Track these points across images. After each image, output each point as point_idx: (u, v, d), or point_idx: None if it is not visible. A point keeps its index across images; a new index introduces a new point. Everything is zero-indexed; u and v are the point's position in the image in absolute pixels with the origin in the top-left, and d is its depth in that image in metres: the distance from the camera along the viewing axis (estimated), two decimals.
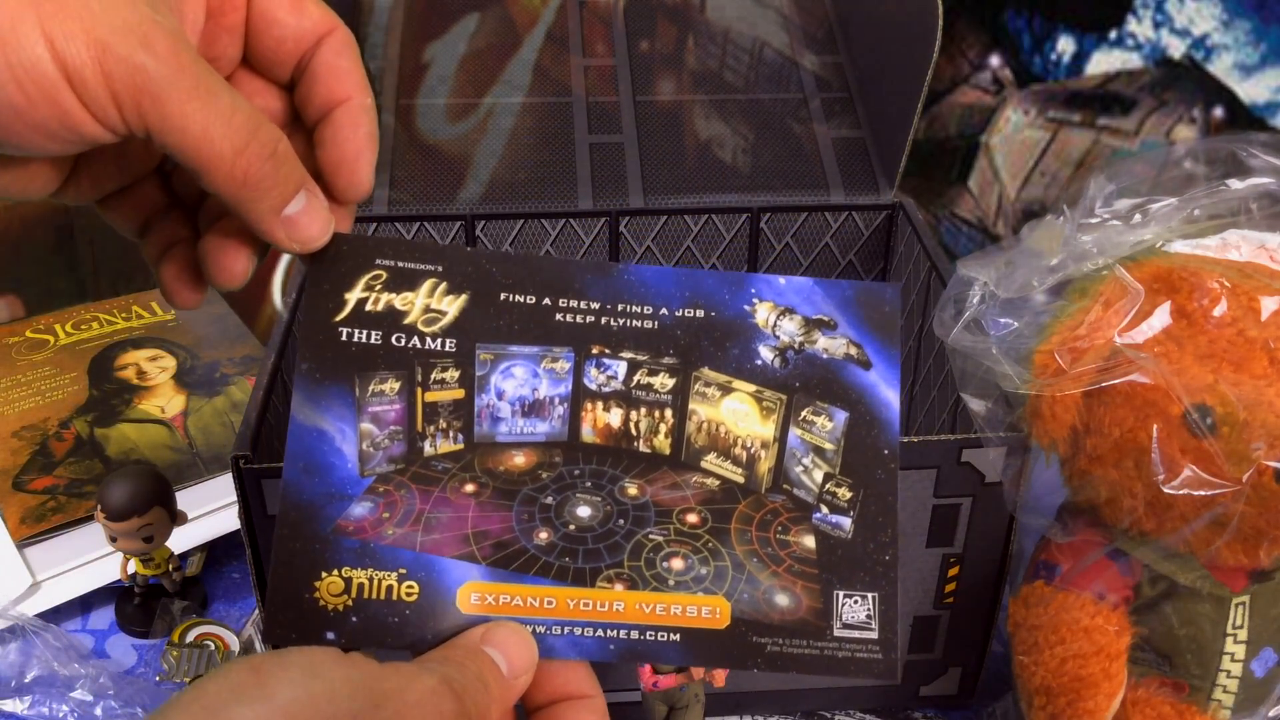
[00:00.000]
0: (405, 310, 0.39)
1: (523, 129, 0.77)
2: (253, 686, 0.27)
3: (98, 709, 0.61)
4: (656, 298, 0.40)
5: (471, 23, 0.82)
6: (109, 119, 0.31)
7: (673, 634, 0.37)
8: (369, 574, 0.36)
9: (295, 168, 0.35)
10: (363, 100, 0.37)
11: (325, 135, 0.37)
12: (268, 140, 0.33)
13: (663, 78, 0.80)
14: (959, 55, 0.98)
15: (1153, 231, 0.50)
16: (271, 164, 0.34)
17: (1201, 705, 0.51)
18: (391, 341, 0.39)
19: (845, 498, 0.39)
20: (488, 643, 0.34)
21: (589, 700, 0.36)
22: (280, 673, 0.28)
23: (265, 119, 0.34)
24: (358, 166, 0.37)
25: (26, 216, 0.95)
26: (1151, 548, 0.49)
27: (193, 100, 0.31)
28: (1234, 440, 0.45)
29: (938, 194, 1.04)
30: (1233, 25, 0.93)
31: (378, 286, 0.39)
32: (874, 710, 0.63)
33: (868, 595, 0.38)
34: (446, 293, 0.39)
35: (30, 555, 0.68)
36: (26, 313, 0.96)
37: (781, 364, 0.40)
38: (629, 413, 0.39)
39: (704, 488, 0.39)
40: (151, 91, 0.31)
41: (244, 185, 0.33)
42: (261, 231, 0.35)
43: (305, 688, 0.27)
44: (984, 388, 0.50)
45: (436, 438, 0.39)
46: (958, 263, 0.52)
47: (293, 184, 0.35)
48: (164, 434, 0.76)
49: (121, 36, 0.30)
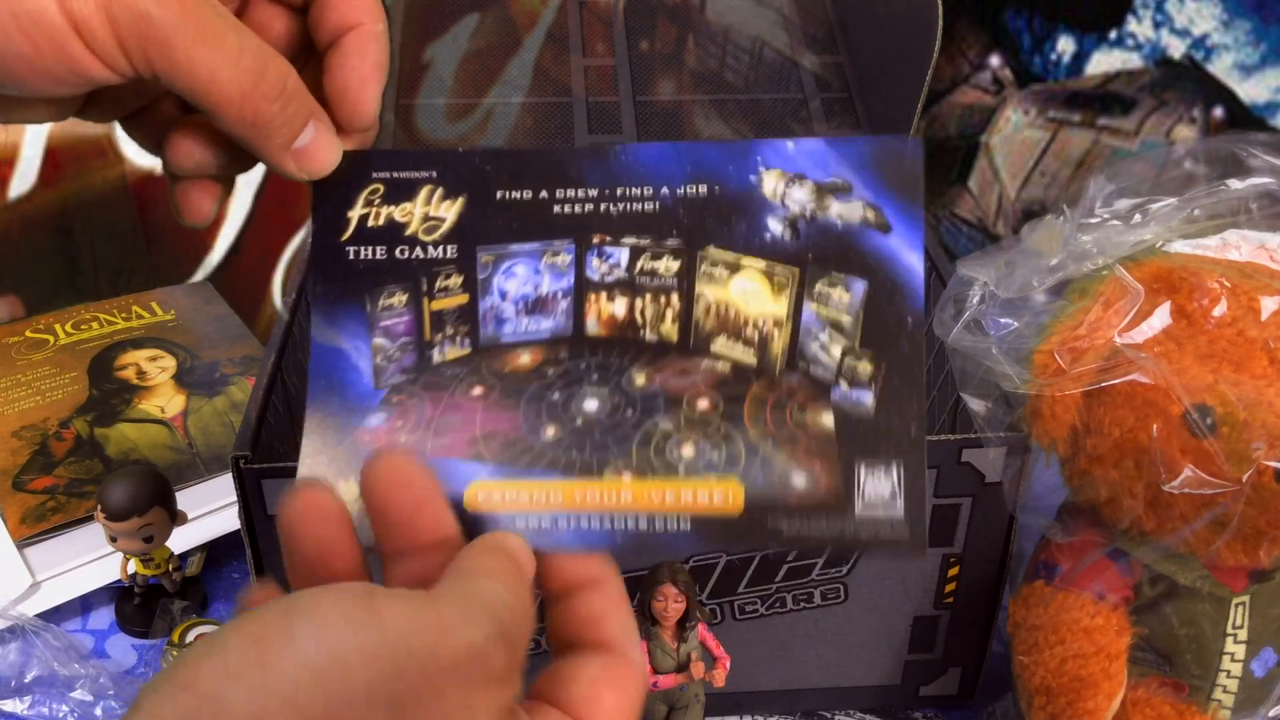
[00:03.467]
0: (405, 222, 0.39)
1: (523, 129, 0.77)
2: (253, 665, 0.24)
3: (98, 709, 0.61)
4: (657, 178, 0.39)
5: (471, 23, 0.82)
6: (117, 65, 0.31)
7: (683, 522, 0.35)
8: None
9: (304, 102, 0.35)
10: (373, 26, 0.37)
11: (333, 61, 0.37)
12: (275, 79, 0.34)
13: (663, 78, 0.80)
14: (959, 55, 0.98)
15: (1153, 231, 0.50)
16: (279, 103, 0.34)
17: (1201, 705, 0.51)
18: (395, 255, 0.38)
19: (866, 372, 0.37)
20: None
21: (605, 584, 0.34)
22: (283, 643, 0.24)
23: (274, 55, 0.34)
24: (363, 94, 0.37)
25: (27, 216, 0.95)
26: (1151, 548, 0.49)
27: (199, 45, 0.32)
28: (1234, 440, 0.45)
29: (938, 194, 1.04)
30: (1233, 25, 0.93)
31: (376, 201, 0.39)
32: (874, 710, 0.63)
33: (892, 466, 0.36)
34: (444, 198, 0.39)
35: (30, 555, 0.68)
36: (26, 313, 0.96)
37: (793, 236, 0.38)
38: (634, 301, 0.38)
39: (715, 372, 0.38)
40: (158, 38, 0.31)
41: (253, 125, 0.34)
42: (273, 165, 0.36)
43: (309, 664, 0.24)
44: (984, 388, 0.50)
45: (444, 345, 0.38)
46: (958, 263, 0.52)
47: (300, 119, 0.35)
48: (164, 434, 0.76)
49: None
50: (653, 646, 0.54)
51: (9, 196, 0.94)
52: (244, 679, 0.24)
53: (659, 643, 0.54)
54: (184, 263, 1.02)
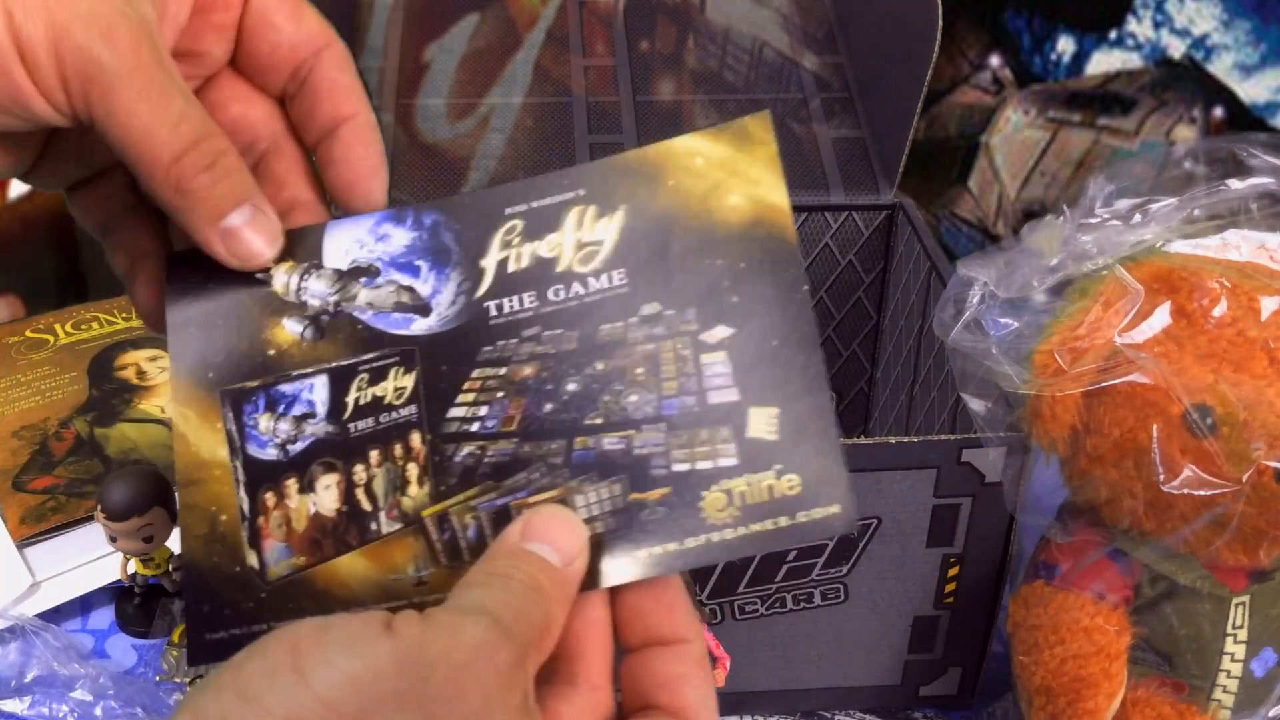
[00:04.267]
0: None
1: (523, 129, 0.77)
2: (289, 670, 0.26)
3: (98, 709, 0.61)
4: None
5: (471, 23, 0.82)
6: (56, 101, 0.31)
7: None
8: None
9: (240, 182, 0.34)
10: (368, 117, 0.37)
11: (334, 154, 0.37)
12: (209, 151, 0.33)
13: (663, 78, 0.80)
14: (959, 55, 0.98)
15: (1153, 231, 0.50)
16: (208, 176, 0.33)
17: (1201, 705, 0.51)
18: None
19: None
20: (529, 538, 0.31)
21: (684, 646, 0.33)
22: (317, 652, 0.26)
23: (218, 132, 0.33)
24: (372, 185, 0.37)
25: (27, 216, 0.95)
26: (1151, 548, 0.49)
27: (143, 101, 0.31)
28: (1234, 440, 0.45)
29: (938, 194, 1.04)
30: (1233, 25, 0.93)
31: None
32: (874, 710, 0.63)
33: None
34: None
35: (30, 555, 0.68)
36: (26, 313, 0.96)
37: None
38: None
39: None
40: (102, 84, 0.31)
41: (177, 192, 0.33)
42: (198, 240, 0.34)
43: (344, 669, 0.26)
44: (984, 388, 0.50)
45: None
46: (958, 263, 0.52)
47: (233, 198, 0.34)
48: (164, 434, 0.76)
49: (84, 23, 0.30)
50: None
51: (9, 196, 0.94)
52: (283, 682, 0.26)
53: None
54: None
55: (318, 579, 0.34)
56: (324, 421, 0.36)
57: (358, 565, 0.34)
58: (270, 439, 0.35)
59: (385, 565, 0.34)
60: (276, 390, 0.36)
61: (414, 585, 0.34)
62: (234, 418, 0.36)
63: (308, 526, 0.35)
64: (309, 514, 0.35)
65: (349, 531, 0.35)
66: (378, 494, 0.35)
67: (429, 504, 0.35)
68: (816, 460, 0.33)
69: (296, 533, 0.35)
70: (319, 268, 0.37)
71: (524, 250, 0.36)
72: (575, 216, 0.36)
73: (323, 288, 0.36)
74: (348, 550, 0.35)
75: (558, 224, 0.36)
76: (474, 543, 0.34)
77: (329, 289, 0.37)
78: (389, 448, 0.35)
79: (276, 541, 0.35)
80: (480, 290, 0.36)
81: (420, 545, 0.34)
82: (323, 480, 0.35)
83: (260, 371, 0.36)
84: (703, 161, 0.36)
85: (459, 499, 0.35)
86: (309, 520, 0.35)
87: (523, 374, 0.35)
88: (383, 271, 0.37)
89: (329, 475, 0.35)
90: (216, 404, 0.36)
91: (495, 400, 0.35)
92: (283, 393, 0.36)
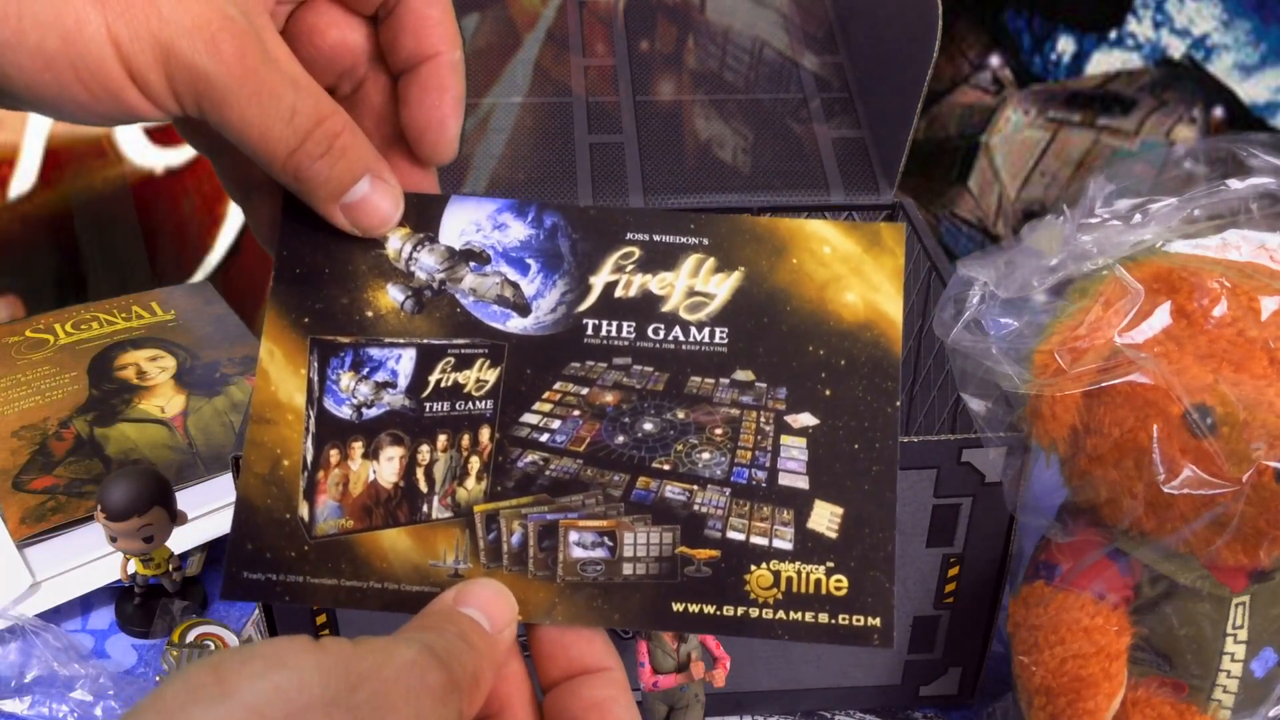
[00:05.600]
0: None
1: (523, 129, 0.77)
2: (212, 685, 0.26)
3: (98, 709, 0.61)
4: None
5: (471, 23, 0.82)
6: (171, 110, 0.32)
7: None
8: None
9: (356, 159, 0.35)
10: (451, 56, 0.36)
11: (411, 93, 0.36)
12: (322, 138, 0.33)
13: (663, 78, 0.80)
14: (959, 55, 0.98)
15: (1153, 231, 0.50)
16: (325, 161, 0.34)
17: (1201, 705, 0.51)
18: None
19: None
20: (462, 603, 0.33)
21: (607, 673, 0.34)
22: (241, 668, 0.26)
23: (330, 110, 0.34)
24: (444, 131, 0.36)
25: (27, 216, 0.95)
26: (1151, 548, 0.49)
27: (253, 105, 0.32)
28: (1234, 440, 0.45)
29: (938, 194, 1.04)
30: (1233, 25, 0.93)
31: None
32: (874, 710, 0.63)
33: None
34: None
35: (30, 555, 0.68)
36: (26, 313, 0.96)
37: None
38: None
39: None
40: (213, 96, 0.31)
41: (298, 179, 0.34)
42: (323, 216, 0.35)
43: (270, 680, 0.26)
44: (984, 388, 0.50)
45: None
46: (958, 263, 0.52)
47: (351, 175, 0.35)
48: (164, 434, 0.76)
49: (188, 39, 0.31)
50: (653, 647, 0.54)
51: (9, 196, 0.94)
52: (207, 697, 0.26)
53: (659, 643, 0.54)
54: (184, 263, 1.03)
55: (360, 545, 0.35)
56: (402, 394, 0.36)
57: (401, 542, 0.35)
58: (348, 398, 0.36)
59: (427, 549, 0.35)
60: (365, 352, 0.36)
61: (450, 576, 0.34)
62: (318, 367, 0.36)
63: (363, 492, 0.35)
64: (367, 480, 0.35)
65: (400, 507, 0.35)
66: (436, 478, 0.35)
67: (482, 500, 0.35)
68: (870, 572, 0.34)
69: (351, 495, 0.35)
70: (433, 241, 0.37)
71: (635, 280, 0.37)
72: (694, 263, 0.37)
73: (433, 263, 0.37)
74: (395, 525, 0.35)
75: (675, 265, 0.37)
76: (515, 549, 0.35)
77: (438, 265, 0.37)
78: (458, 436, 0.36)
79: (330, 499, 0.35)
80: (583, 305, 0.37)
81: (464, 538, 0.35)
82: (387, 451, 0.36)
83: (354, 329, 0.36)
84: (830, 251, 0.37)
85: (512, 503, 0.35)
86: (365, 486, 0.35)
87: (603, 399, 0.36)
88: (493, 260, 0.37)
89: (394, 448, 0.36)
90: (305, 349, 0.36)
91: (570, 417, 0.36)
92: (370, 355, 0.36)
